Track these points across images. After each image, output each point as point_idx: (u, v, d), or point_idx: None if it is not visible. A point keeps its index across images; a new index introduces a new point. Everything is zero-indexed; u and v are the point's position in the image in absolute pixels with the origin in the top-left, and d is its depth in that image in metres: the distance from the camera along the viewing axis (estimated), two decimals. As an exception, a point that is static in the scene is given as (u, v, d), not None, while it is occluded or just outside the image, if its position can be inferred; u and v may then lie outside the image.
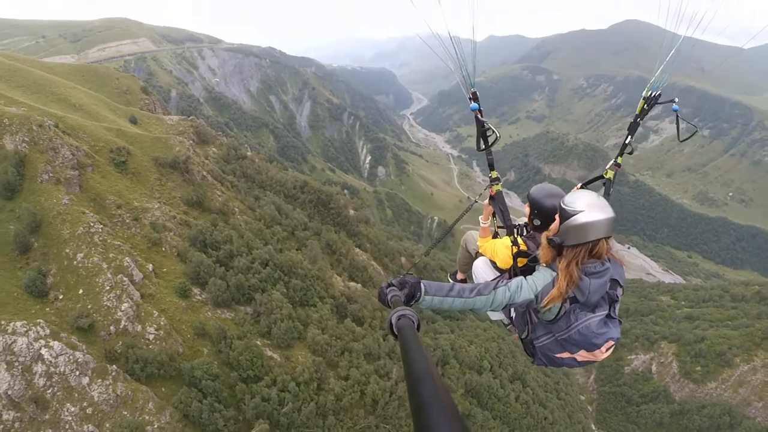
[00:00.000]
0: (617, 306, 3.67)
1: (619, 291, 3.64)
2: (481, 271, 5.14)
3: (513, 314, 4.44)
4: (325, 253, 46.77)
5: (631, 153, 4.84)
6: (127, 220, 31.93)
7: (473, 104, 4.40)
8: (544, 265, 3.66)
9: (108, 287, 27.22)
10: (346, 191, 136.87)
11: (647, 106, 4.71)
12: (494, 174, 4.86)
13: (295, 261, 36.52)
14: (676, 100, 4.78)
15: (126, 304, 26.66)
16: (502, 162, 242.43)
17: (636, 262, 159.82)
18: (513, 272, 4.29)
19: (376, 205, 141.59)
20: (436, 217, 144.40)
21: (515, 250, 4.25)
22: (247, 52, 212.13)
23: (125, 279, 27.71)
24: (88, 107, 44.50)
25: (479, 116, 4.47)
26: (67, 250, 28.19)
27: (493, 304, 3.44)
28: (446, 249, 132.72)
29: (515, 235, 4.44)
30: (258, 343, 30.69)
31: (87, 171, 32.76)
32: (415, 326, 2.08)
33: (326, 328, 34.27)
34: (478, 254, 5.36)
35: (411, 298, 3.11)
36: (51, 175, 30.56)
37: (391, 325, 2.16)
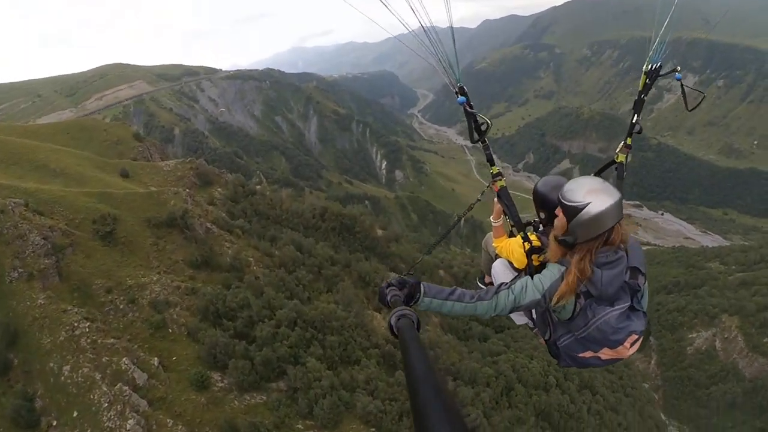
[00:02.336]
0: (642, 296, 3.37)
1: (641, 279, 3.33)
2: (500, 272, 4.73)
3: (535, 316, 4.10)
4: (359, 287, 41.13)
5: (639, 132, 4.46)
6: (121, 306, 26.45)
7: (460, 98, 4.04)
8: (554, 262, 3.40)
9: (106, 403, 21.72)
10: (367, 202, 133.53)
11: (649, 80, 4.50)
12: (495, 169, 4.48)
13: (327, 313, 30.78)
14: (679, 68, 4.54)
15: (131, 421, 21.07)
16: (518, 145, 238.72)
17: (672, 228, 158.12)
18: (528, 271, 4.01)
19: (400, 211, 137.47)
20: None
21: (527, 247, 4.02)
22: (245, 77, 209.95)
23: (126, 388, 22.17)
24: (71, 170, 39.47)
25: (467, 108, 4.03)
26: (52, 364, 22.81)
27: (497, 309, 3.30)
28: (477, 245, 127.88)
29: (527, 232, 4.17)
30: (300, 426, 25.13)
31: (66, 253, 27.45)
32: (415, 326, 2.05)
33: (377, 390, 28.50)
34: (497, 256, 4.87)
35: (410, 299, 3.05)
36: (21, 270, 25.23)
37: (391, 325, 2.14)
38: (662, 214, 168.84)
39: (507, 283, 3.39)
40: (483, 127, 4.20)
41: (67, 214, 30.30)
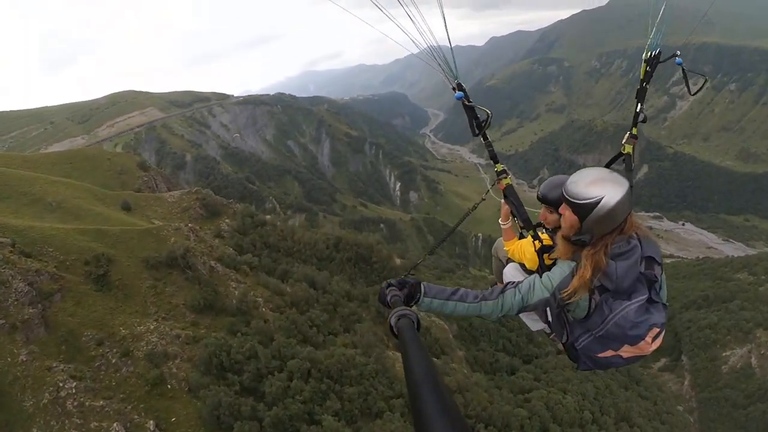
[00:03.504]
0: (660, 287, 3.19)
1: (657, 269, 3.17)
2: (511, 276, 4.51)
3: (550, 318, 3.79)
4: (378, 324, 37.98)
5: (644, 121, 4.35)
6: (114, 360, 23.46)
7: (458, 93, 3.96)
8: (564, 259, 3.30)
9: (94, 476, 18.90)
10: (382, 225, 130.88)
11: (650, 68, 4.38)
12: (500, 166, 4.27)
13: (344, 360, 27.56)
14: (678, 53, 4.35)
15: (121, 500, 18.18)
16: (532, 161, 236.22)
17: (694, 238, 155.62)
18: (541, 271, 3.70)
19: (416, 234, 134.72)
20: (480, 234, 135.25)
21: (538, 245, 3.92)
22: (257, 102, 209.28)
23: (116, 459, 19.29)
24: (68, 203, 36.91)
25: (466, 102, 3.97)
26: (35, 430, 19.93)
27: (503, 309, 3.24)
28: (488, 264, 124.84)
29: (536, 230, 4.06)
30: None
31: (54, 300, 24.63)
32: (416, 326, 2.03)
33: (403, 447, 25.28)
34: (509, 261, 4.73)
35: (410, 299, 3.02)
36: (2, 321, 22.39)
37: (390, 325, 2.12)
38: (683, 225, 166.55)
39: (514, 282, 3.30)
40: (483, 121, 4.02)
41: (57, 255, 27.57)
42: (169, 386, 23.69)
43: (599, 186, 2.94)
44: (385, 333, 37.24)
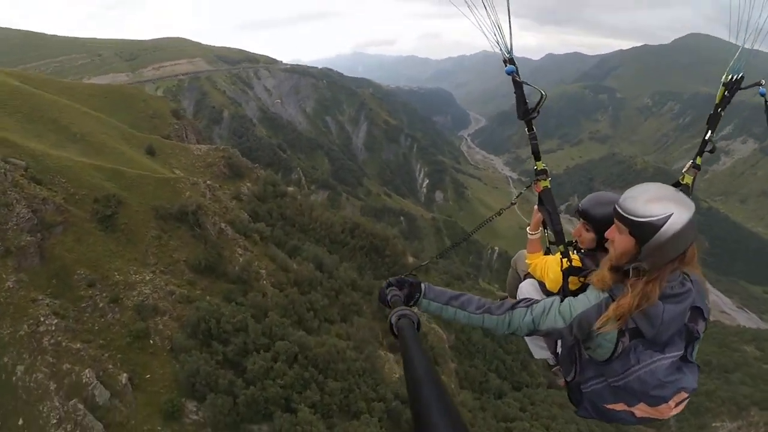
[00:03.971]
0: (696, 346, 2.74)
1: (701, 325, 2.73)
2: (526, 293, 4.03)
3: (560, 349, 3.42)
4: (377, 320, 36.97)
5: (712, 151, 3.86)
6: (101, 304, 22.72)
7: (509, 66, 3.47)
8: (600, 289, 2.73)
9: (55, 419, 18.14)
10: (402, 218, 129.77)
11: (728, 93, 3.77)
12: (540, 165, 3.69)
13: (334, 352, 26.50)
14: (763, 82, 3.75)
15: (79, 447, 17.43)
16: (565, 185, 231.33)
17: (709, 298, 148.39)
18: (562, 294, 3.22)
19: (434, 234, 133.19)
20: (496, 248, 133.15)
21: (566, 265, 3.36)
22: (303, 72, 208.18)
23: (81, 407, 18.48)
24: (93, 137, 36.33)
25: (517, 78, 3.44)
26: (6, 359, 19.31)
27: (510, 327, 2.88)
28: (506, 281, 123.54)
29: (567, 248, 3.49)
30: (277, 488, 21.04)
31: (55, 233, 23.96)
32: (416, 326, 1.98)
33: (376, 456, 24.24)
34: (527, 276, 4.29)
35: (410, 299, 2.87)
36: (-3, 244, 21.81)
37: (391, 325, 2.08)
38: None
39: (528, 301, 2.96)
40: (530, 115, 3.53)
41: (68, 187, 26.95)
42: (151, 342, 22.91)
43: (664, 204, 2.42)
44: (383, 331, 36.35)
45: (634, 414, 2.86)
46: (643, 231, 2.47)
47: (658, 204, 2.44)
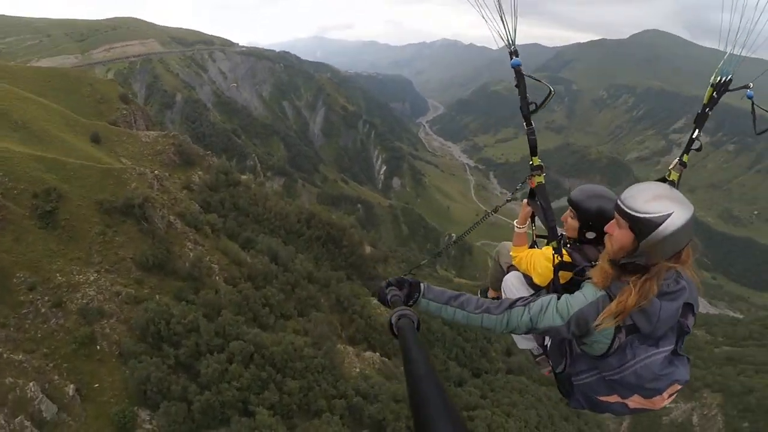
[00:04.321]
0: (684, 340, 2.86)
1: (690, 320, 2.85)
2: (512, 287, 4.16)
3: (548, 342, 3.55)
4: (335, 312, 36.44)
5: (699, 149, 4.09)
6: (43, 309, 21.31)
7: (515, 59, 3.66)
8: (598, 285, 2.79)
9: (1, 438, 16.99)
10: (360, 206, 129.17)
11: (716, 94, 4.00)
12: (536, 160, 3.81)
13: (291, 350, 25.77)
14: (751, 85, 3.95)
15: (25, 466, 16.33)
16: (520, 173, 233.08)
17: None
18: (553, 289, 3.44)
19: (391, 221, 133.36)
20: (453, 234, 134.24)
21: (557, 260, 3.39)
22: (260, 55, 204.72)
23: (27, 423, 17.31)
24: (35, 125, 34.26)
25: (522, 71, 3.67)
26: (-62, 374, 17.95)
27: (508, 326, 2.93)
28: (463, 267, 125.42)
29: (559, 243, 3.54)
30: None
31: (-11, 231, 22.38)
32: (416, 326, 1.99)
33: (337, 455, 23.74)
34: (510, 268, 4.35)
35: (409, 299, 2.92)
36: None
37: (391, 325, 2.07)
38: None
39: (525, 299, 3.00)
40: (529, 109, 3.84)
41: (5, 181, 25.25)
42: (98, 347, 21.73)
43: (666, 203, 2.49)
44: (342, 324, 35.90)
45: (628, 405, 2.94)
46: (642, 227, 2.51)
47: (660, 202, 2.48)
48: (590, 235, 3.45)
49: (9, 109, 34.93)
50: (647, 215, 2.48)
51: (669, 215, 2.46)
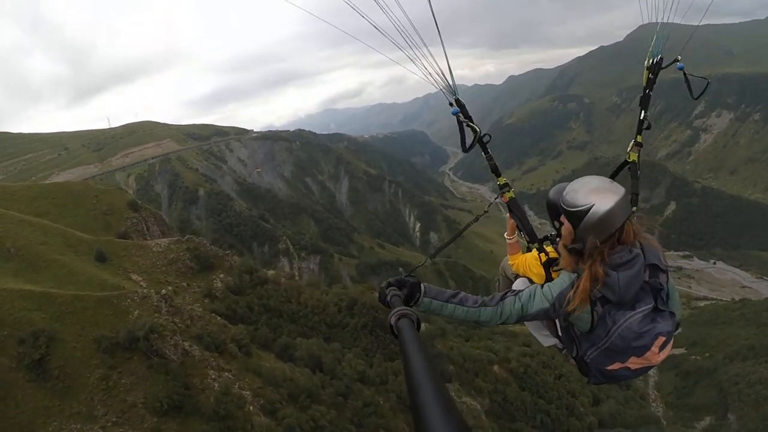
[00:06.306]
0: (667, 295, 3.10)
1: (663, 277, 3.07)
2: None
3: (560, 332, 3.83)
4: (398, 413, 30.65)
5: (648, 128, 4.51)
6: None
7: (454, 108, 3.96)
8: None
9: None
10: (401, 269, 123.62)
11: (652, 74, 4.53)
12: (502, 180, 4.22)
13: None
14: (679, 58, 4.51)
15: None
16: None
17: (726, 277, 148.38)
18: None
19: (437, 278, 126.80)
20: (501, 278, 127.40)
21: (544, 259, 3.84)
22: (276, 137, 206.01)
23: None
24: (30, 250, 30.40)
25: (460, 118, 3.93)
26: None
27: (502, 316, 3.18)
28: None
29: (542, 243, 4.03)
30: None
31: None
32: (416, 326, 2.01)
33: None
34: (516, 277, 4.67)
35: (410, 299, 3.01)
36: None
37: (391, 325, 2.10)
38: (714, 263, 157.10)
39: (514, 291, 3.27)
40: (473, 138, 4.07)
41: (-11, 327, 20.78)
42: None
43: (592, 194, 2.85)
44: (409, 424, 30.13)
45: (630, 368, 3.13)
46: (572, 218, 2.90)
47: (583, 195, 2.84)
48: (555, 224, 3.74)
49: (3, 235, 31.31)
50: (573, 209, 2.87)
51: (591, 206, 2.79)
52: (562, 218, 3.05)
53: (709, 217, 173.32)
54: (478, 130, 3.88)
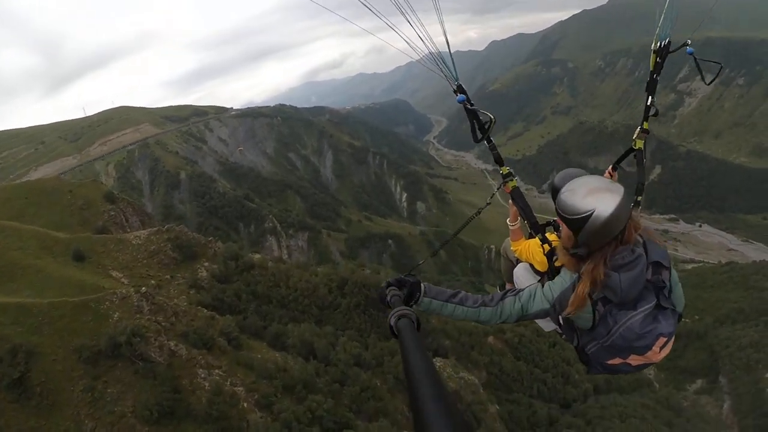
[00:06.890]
0: (670, 291, 3.01)
1: (665, 274, 2.98)
2: (522, 278, 4.52)
3: (561, 323, 3.64)
4: (397, 393, 30.21)
5: (656, 115, 4.39)
6: None
7: (460, 96, 3.90)
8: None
9: None
10: (390, 242, 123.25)
11: (660, 59, 4.36)
12: (505, 169, 4.25)
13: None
14: (689, 42, 4.36)
15: None
16: (541, 165, 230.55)
17: (713, 240, 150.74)
18: (551, 274, 3.74)
19: (426, 249, 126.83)
20: (492, 246, 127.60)
21: (547, 249, 3.84)
22: (256, 114, 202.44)
23: None
24: (4, 258, 29.13)
25: (468, 106, 3.90)
26: None
27: (502, 316, 3.21)
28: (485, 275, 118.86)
29: (545, 233, 4.06)
30: None
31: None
32: (416, 326, 2.01)
33: None
34: (518, 260, 4.69)
35: (410, 298, 3.01)
36: None
37: (390, 325, 2.10)
38: (700, 226, 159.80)
39: (514, 291, 3.30)
40: (486, 125, 3.98)
41: (-44, 349, 19.67)
42: None
43: (592, 198, 2.71)
44: (407, 405, 29.72)
45: (630, 364, 3.15)
46: (572, 225, 2.79)
47: (586, 199, 2.70)
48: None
49: (-25, 244, 29.98)
50: (573, 216, 2.74)
51: (592, 212, 2.66)
52: (560, 221, 2.96)
53: (695, 180, 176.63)
54: (492, 117, 3.78)
